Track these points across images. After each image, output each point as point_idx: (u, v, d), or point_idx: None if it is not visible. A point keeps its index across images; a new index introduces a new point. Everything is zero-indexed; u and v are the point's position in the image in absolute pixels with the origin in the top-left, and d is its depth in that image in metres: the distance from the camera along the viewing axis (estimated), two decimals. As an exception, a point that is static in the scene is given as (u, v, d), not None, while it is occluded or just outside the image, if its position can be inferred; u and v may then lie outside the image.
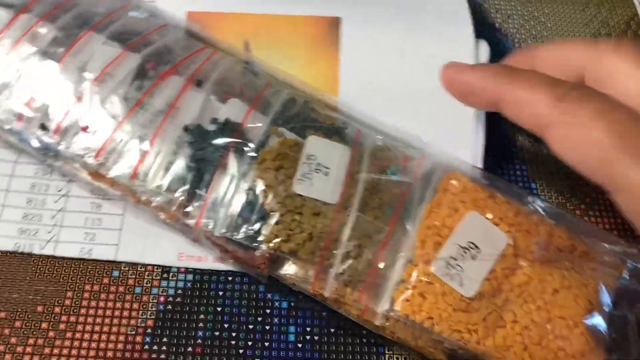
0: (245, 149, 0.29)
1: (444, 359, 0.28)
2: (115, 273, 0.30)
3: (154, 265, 0.30)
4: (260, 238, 0.27)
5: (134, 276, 0.30)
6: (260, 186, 0.28)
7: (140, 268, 0.30)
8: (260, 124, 0.30)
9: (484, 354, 0.26)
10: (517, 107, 0.27)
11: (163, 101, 0.30)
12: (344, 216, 0.28)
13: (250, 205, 0.28)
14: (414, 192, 0.29)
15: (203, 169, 0.28)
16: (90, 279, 0.30)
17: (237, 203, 0.28)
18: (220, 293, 0.30)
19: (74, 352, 0.28)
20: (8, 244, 0.30)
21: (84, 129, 0.29)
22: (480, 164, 0.32)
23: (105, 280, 0.30)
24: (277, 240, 0.27)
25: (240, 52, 0.33)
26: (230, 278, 0.30)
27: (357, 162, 0.29)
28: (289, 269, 0.28)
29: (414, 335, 0.27)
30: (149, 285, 0.30)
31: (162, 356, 0.28)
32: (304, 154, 0.29)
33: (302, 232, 0.27)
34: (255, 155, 0.28)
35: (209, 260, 0.30)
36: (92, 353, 0.28)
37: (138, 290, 0.30)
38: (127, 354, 0.28)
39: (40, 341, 0.28)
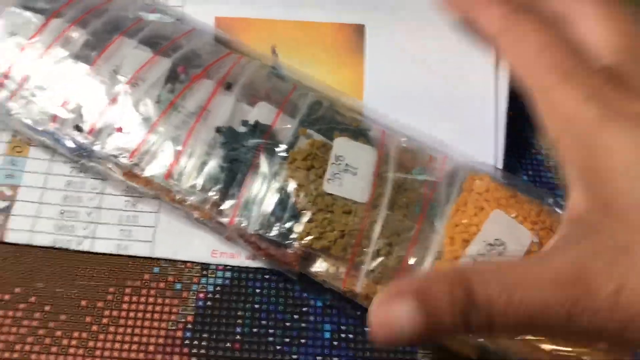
0: (276, 149, 0.29)
1: (473, 355, 0.28)
2: (156, 269, 0.30)
3: (193, 262, 0.31)
4: (293, 236, 0.28)
5: (174, 272, 0.30)
6: (292, 185, 0.29)
7: (180, 265, 0.31)
8: (289, 126, 0.30)
9: (514, 349, 0.27)
10: (478, 21, 0.31)
11: (195, 103, 0.30)
12: (373, 214, 0.28)
13: (283, 204, 0.28)
14: (440, 191, 0.30)
15: (236, 169, 0.29)
16: (131, 275, 0.30)
17: (270, 202, 0.28)
18: (258, 291, 0.30)
19: (116, 345, 0.28)
20: (46, 239, 0.30)
21: (119, 130, 0.29)
22: (500, 166, 0.33)
23: (146, 277, 0.30)
24: (310, 237, 0.28)
25: (266, 56, 0.34)
26: (267, 276, 0.31)
27: (383, 163, 0.30)
28: (321, 266, 0.29)
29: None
30: (189, 281, 0.30)
31: (202, 351, 0.29)
32: (332, 155, 0.30)
33: (334, 230, 0.28)
34: (286, 155, 0.29)
35: (241, 257, 0.31)
36: (134, 347, 0.28)
37: (178, 286, 0.30)
38: (168, 349, 0.29)
39: (84, 335, 0.29)
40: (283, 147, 0.30)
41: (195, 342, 0.29)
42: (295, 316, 0.30)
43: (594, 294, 0.22)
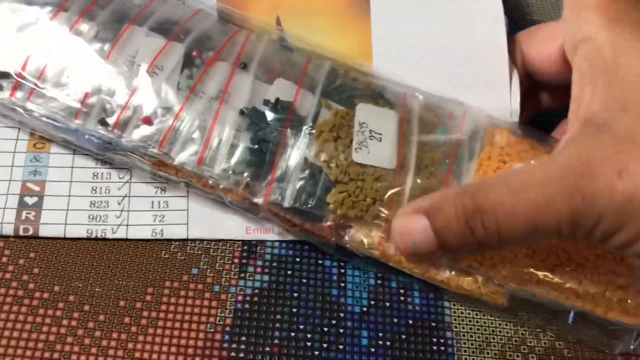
0: (301, 124, 0.30)
1: (505, 301, 0.30)
2: (194, 271, 0.30)
3: (231, 264, 0.31)
4: (327, 207, 0.29)
5: (212, 274, 0.30)
6: (322, 158, 0.29)
7: (219, 267, 0.31)
8: (310, 100, 0.31)
9: (540, 295, 0.29)
10: None
11: (215, 87, 0.31)
12: (402, 178, 0.29)
13: (314, 177, 0.29)
14: (464, 147, 0.31)
15: (265, 148, 0.30)
16: (169, 276, 0.30)
17: (302, 177, 0.29)
18: (295, 295, 0.30)
19: (156, 347, 0.28)
20: (80, 231, 0.30)
21: (145, 120, 0.30)
22: (516, 118, 0.33)
23: (185, 278, 0.30)
24: (343, 207, 0.29)
25: (273, 28, 0.34)
26: (304, 280, 0.31)
27: (406, 124, 0.31)
28: (355, 235, 0.30)
29: (478, 284, 0.29)
30: (227, 284, 0.30)
31: (241, 355, 0.29)
32: (356, 123, 0.30)
33: (366, 198, 0.29)
34: (312, 129, 0.30)
35: (274, 232, 0.31)
36: (173, 349, 0.28)
37: (217, 288, 0.30)
38: (207, 351, 0.28)
39: (123, 336, 0.28)
40: (308, 121, 0.30)
41: (234, 346, 0.29)
42: (333, 321, 0.30)
43: (596, 179, 0.23)
